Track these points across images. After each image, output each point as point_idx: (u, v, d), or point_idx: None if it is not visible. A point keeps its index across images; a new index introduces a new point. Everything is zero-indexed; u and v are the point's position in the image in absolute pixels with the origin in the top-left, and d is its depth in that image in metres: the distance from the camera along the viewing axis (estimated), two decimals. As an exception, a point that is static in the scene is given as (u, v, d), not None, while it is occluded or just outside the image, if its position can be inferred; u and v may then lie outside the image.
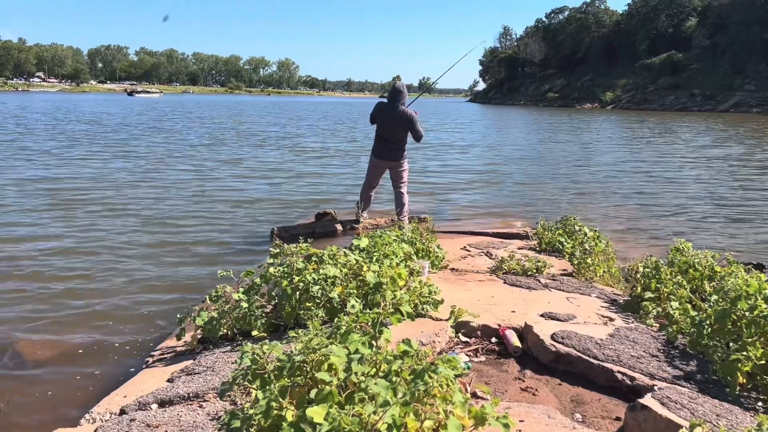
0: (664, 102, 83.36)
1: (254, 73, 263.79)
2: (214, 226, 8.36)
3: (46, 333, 4.65)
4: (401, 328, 3.25)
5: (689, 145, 24.86)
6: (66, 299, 5.36)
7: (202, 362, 3.31)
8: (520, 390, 2.94)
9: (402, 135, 7.56)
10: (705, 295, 3.89)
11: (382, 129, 7.63)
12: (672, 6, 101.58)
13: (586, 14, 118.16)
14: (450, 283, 4.82)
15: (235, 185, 12.13)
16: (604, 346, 3.18)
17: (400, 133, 7.54)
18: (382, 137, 7.64)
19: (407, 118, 7.45)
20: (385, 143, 7.62)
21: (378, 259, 4.06)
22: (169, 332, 4.50)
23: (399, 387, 1.88)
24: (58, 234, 7.68)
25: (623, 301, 4.33)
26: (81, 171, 13.34)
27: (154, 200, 10.15)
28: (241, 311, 3.67)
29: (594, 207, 10.67)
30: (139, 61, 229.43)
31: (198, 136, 24.78)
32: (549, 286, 4.69)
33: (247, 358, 2.14)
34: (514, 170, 16.07)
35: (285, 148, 20.93)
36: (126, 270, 6.24)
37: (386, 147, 7.62)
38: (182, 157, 17.06)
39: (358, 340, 2.18)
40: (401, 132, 7.54)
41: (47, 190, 10.77)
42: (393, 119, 7.50)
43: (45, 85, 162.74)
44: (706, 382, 2.80)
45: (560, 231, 6.32)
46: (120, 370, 3.99)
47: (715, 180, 14.52)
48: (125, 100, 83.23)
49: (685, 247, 4.60)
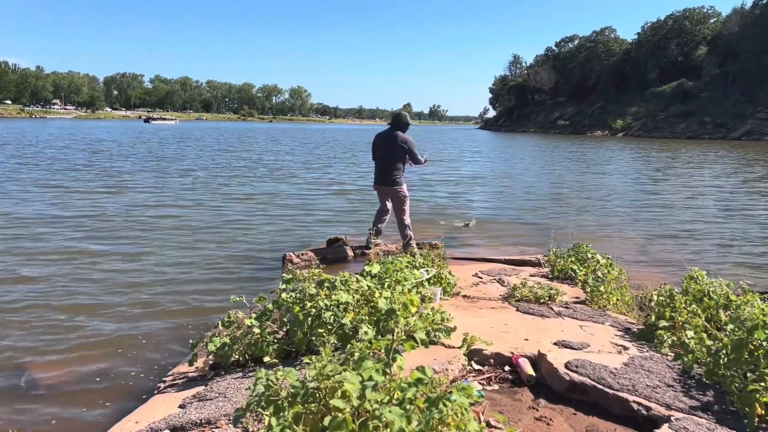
0: (675, 130, 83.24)
1: (267, 101, 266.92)
2: (226, 252, 8.40)
3: (59, 358, 4.66)
4: (414, 356, 3.23)
5: (703, 173, 24.76)
6: (78, 324, 5.38)
7: (214, 388, 3.30)
8: (534, 419, 2.90)
9: (396, 160, 7.64)
10: (720, 324, 3.85)
11: (378, 154, 7.79)
12: (682, 35, 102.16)
13: (596, 43, 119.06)
14: (462, 310, 4.79)
15: (246, 211, 12.20)
16: (618, 375, 3.14)
17: (393, 157, 7.64)
18: (378, 162, 7.81)
19: (402, 144, 7.57)
20: (379, 168, 7.78)
21: (390, 285, 4.06)
22: (181, 358, 4.50)
23: (413, 415, 1.87)
24: (70, 258, 7.74)
25: (637, 330, 4.29)
26: (102, 200, 13.49)
27: (166, 227, 10.22)
28: (253, 337, 3.67)
29: (606, 234, 10.61)
30: (154, 89, 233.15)
31: (213, 163, 25.04)
32: (562, 314, 4.66)
33: (260, 385, 2.13)
34: (525, 197, 16.06)
35: (296, 174, 21.07)
36: (138, 295, 6.27)
37: (380, 172, 7.77)
38: (194, 181, 17.22)
39: (372, 367, 2.17)
40: (395, 157, 7.63)
41: (65, 218, 10.88)
42: (388, 145, 7.64)
43: (61, 112, 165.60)
44: (724, 413, 2.75)
45: (573, 258, 6.29)
46: (132, 395, 3.99)
47: (730, 208, 14.42)
48: (142, 127, 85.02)
49: (699, 276, 4.56)
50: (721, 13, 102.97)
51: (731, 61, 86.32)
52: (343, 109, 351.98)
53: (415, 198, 13.16)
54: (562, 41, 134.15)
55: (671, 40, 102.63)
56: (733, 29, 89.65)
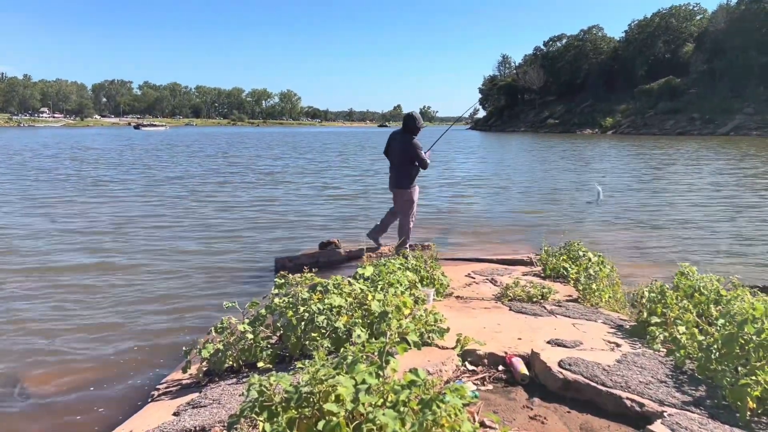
0: (663, 126, 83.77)
1: (257, 105, 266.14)
2: (218, 258, 8.38)
3: (53, 369, 4.64)
4: (408, 358, 3.23)
5: (692, 168, 24.92)
6: (70, 334, 5.36)
7: (208, 395, 3.30)
8: (528, 419, 2.91)
9: (406, 164, 7.53)
10: (711, 319, 3.87)
11: (390, 156, 7.71)
12: (669, 32, 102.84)
13: (584, 41, 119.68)
14: (455, 310, 4.80)
15: (238, 217, 12.17)
16: (611, 372, 3.16)
17: (404, 161, 7.51)
18: (390, 164, 7.72)
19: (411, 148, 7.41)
20: (391, 170, 7.69)
21: (383, 288, 4.06)
22: (174, 365, 4.48)
23: (407, 417, 1.88)
24: (61, 268, 7.70)
25: (629, 327, 4.31)
26: (99, 209, 13.42)
27: (158, 233, 10.18)
28: (246, 342, 3.66)
29: (597, 231, 10.66)
30: (143, 95, 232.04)
31: (204, 169, 24.98)
32: (555, 312, 4.68)
33: (254, 390, 2.13)
34: (517, 196, 16.11)
35: (287, 178, 21.04)
36: (130, 303, 6.24)
37: (392, 173, 7.68)
38: (186, 188, 17.16)
39: (365, 371, 2.18)
40: (405, 160, 7.51)
41: (63, 232, 10.82)
42: (399, 149, 7.51)
43: (50, 120, 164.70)
44: (716, 408, 2.77)
45: (564, 256, 6.32)
46: (126, 403, 3.98)
47: (719, 204, 14.52)
48: (133, 134, 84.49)
49: (689, 271, 4.59)
50: (707, 10, 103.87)
51: (718, 57, 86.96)
52: (334, 112, 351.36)
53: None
54: (550, 40, 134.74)
55: (658, 37, 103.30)
56: (719, 26, 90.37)
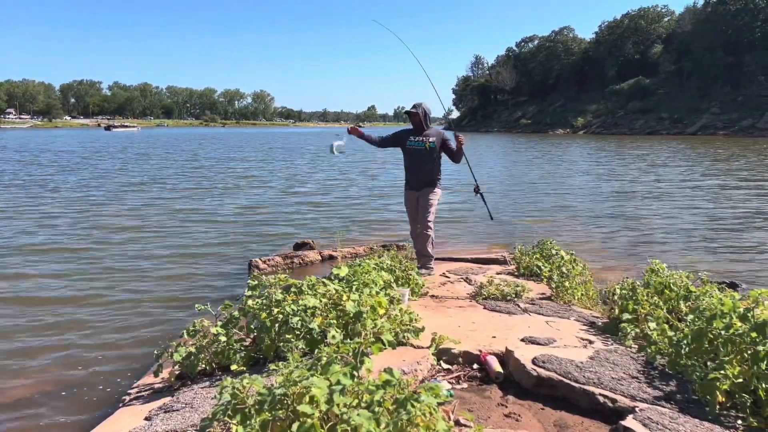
0: (633, 126, 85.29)
1: (229, 105, 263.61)
2: (190, 260, 8.27)
3: (21, 373, 4.53)
4: (382, 357, 3.22)
5: (660, 167, 25.37)
6: (39, 338, 5.24)
7: (180, 399, 3.24)
8: (503, 416, 2.92)
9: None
10: (681, 315, 3.94)
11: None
12: (638, 33, 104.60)
13: (555, 42, 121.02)
14: (430, 310, 4.81)
15: (210, 219, 12.04)
16: (584, 369, 3.19)
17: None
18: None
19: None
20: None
21: (358, 288, 4.04)
22: (146, 369, 4.41)
23: (382, 417, 1.87)
24: (32, 274, 7.54)
25: (602, 324, 4.36)
26: (61, 212, 13.16)
27: (129, 236, 10.02)
28: (219, 345, 3.62)
29: (570, 230, 10.79)
30: (113, 96, 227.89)
31: (176, 170, 24.67)
32: (528, 310, 4.71)
33: (226, 393, 2.10)
34: (490, 195, 16.19)
35: (262, 180, 20.89)
36: (100, 306, 6.13)
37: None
38: (154, 190, 16.92)
39: (340, 371, 2.16)
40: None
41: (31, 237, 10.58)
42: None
43: (17, 122, 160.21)
44: (687, 402, 2.82)
45: (538, 255, 6.38)
46: (96, 409, 3.90)
47: (688, 200, 14.80)
48: (104, 135, 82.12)
49: (659, 268, 4.66)
50: (674, 12, 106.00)
51: (685, 57, 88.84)
52: (308, 113, 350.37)
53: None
54: (522, 41, 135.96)
55: (628, 38, 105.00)
56: (686, 27, 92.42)
